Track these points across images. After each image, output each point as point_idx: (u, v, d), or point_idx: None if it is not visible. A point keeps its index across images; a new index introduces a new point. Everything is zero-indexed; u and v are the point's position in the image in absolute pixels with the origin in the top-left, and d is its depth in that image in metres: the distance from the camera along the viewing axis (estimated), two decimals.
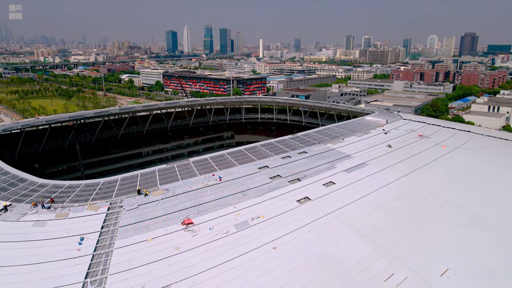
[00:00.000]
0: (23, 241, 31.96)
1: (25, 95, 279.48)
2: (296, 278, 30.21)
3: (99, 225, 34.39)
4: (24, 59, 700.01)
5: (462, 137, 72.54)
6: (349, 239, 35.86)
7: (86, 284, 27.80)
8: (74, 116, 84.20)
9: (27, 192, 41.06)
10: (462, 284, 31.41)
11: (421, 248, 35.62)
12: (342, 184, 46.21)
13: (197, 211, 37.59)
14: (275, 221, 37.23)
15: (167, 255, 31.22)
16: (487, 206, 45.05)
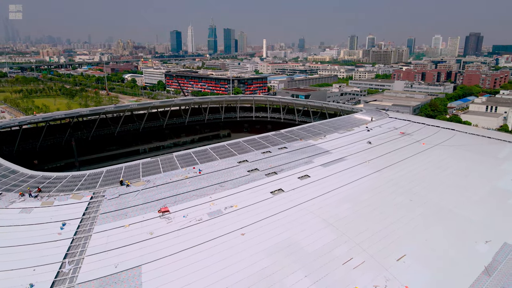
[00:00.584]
0: (9, 225, 34.71)
1: (29, 94, 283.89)
2: (259, 261, 32.66)
3: (81, 212, 37.06)
4: (29, 59, 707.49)
5: (445, 135, 74.54)
6: (315, 227, 38.24)
7: (64, 263, 30.44)
8: (70, 113, 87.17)
9: (17, 183, 43.86)
10: (416, 268, 33.72)
11: (382, 236, 37.91)
12: (317, 177, 48.58)
13: (174, 201, 40.17)
14: (247, 211, 39.71)
15: (141, 239, 33.80)
16: (454, 199, 47.28)
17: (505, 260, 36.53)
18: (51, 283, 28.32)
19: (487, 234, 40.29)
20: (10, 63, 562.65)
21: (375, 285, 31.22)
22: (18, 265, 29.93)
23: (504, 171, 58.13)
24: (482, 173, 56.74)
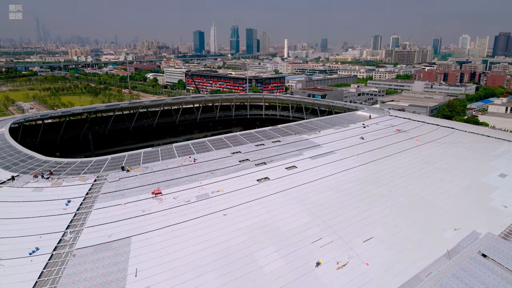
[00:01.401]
0: (22, 201, 40.10)
1: (56, 92, 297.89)
2: (236, 237, 36.71)
3: (84, 192, 42.11)
4: (59, 58, 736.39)
5: (442, 133, 76.29)
6: (293, 211, 41.91)
7: (66, 233, 35.40)
8: (87, 108, 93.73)
9: (32, 167, 49.47)
10: (379, 249, 36.91)
11: (354, 221, 41.18)
12: (304, 168, 52.11)
13: (168, 185, 44.71)
14: (232, 195, 43.79)
15: (134, 215, 38.46)
16: (433, 191, 49.82)
17: (469, 246, 39.15)
18: (54, 247, 33.29)
19: (457, 223, 42.89)
20: (40, 63, 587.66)
21: (338, 261, 34.66)
22: (27, 232, 35.08)
23: (493, 167, 59.86)
24: (469, 168, 58.67)
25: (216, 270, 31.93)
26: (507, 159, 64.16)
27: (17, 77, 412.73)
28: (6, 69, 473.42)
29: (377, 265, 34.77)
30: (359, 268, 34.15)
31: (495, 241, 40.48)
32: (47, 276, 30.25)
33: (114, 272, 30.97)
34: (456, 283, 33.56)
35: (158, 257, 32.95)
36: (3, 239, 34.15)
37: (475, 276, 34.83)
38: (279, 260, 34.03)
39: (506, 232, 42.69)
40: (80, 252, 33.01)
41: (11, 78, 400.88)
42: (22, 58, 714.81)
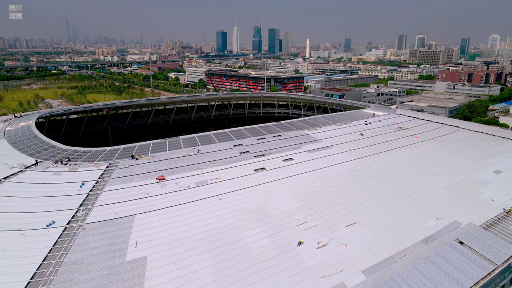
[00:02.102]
0: (43, 183, 45.37)
1: (83, 90, 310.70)
2: (228, 218, 40.61)
3: (97, 176, 47.03)
4: (86, 58, 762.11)
5: (445, 131, 77.77)
6: (284, 198, 45.44)
7: (79, 210, 40.26)
8: (107, 104, 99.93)
9: (53, 154, 54.96)
10: (360, 233, 39.98)
11: (340, 208, 44.32)
12: (300, 160, 55.47)
13: (171, 172, 49.12)
14: (229, 182, 47.75)
15: (138, 197, 43.01)
16: (423, 184, 52.19)
17: (447, 234, 41.63)
18: (67, 221, 38.16)
19: (440, 213, 45.33)
20: (69, 62, 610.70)
21: (319, 241, 38.00)
22: (46, 209, 40.15)
23: (489, 164, 61.39)
24: (465, 164, 60.42)
25: (206, 245, 35.93)
26: (506, 157, 65.34)
27: (47, 76, 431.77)
28: (37, 68, 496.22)
29: (355, 246, 37.89)
30: (338, 248, 37.37)
31: (475, 230, 42.74)
32: (61, 244, 35.03)
33: (118, 243, 35.47)
34: (428, 265, 36.28)
35: (156, 232, 37.26)
36: (25, 213, 39.31)
37: (448, 260, 37.40)
38: (265, 239, 37.71)
39: (488, 223, 44.80)
40: (90, 226, 37.71)
41: (42, 77, 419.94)
42: (52, 58, 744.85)
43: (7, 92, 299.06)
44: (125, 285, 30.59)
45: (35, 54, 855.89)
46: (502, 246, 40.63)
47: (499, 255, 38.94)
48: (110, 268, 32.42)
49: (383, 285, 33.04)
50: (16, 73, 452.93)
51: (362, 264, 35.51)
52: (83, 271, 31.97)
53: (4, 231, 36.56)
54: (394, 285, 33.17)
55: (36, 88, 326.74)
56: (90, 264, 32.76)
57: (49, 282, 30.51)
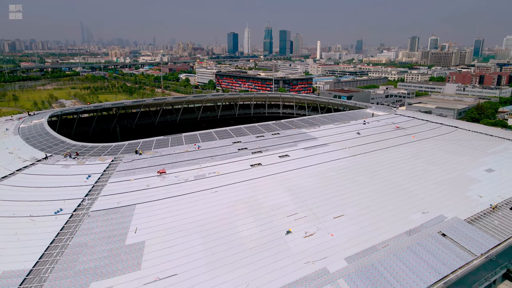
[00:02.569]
0: (53, 175, 48.76)
1: (95, 90, 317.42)
2: (222, 209, 43.35)
3: (102, 169, 50.24)
4: (100, 59, 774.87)
5: (443, 130, 79.31)
6: (276, 191, 48.00)
7: (85, 199, 43.47)
8: (116, 104, 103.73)
9: (63, 149, 58.47)
10: (346, 224, 42.30)
11: (330, 201, 46.66)
12: (295, 157, 57.93)
13: (172, 166, 52.09)
14: (226, 176, 50.51)
15: (140, 188, 46.05)
16: (413, 180, 54.17)
17: (431, 227, 43.66)
18: (74, 209, 41.36)
19: (426, 207, 47.33)
20: (82, 63, 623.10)
21: (306, 231, 40.45)
22: (54, 197, 43.45)
23: (483, 163, 62.93)
24: (458, 163, 62.09)
25: (200, 232, 38.73)
26: (501, 156, 66.71)
27: (61, 76, 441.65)
28: (52, 69, 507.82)
29: (340, 236, 40.25)
30: (324, 237, 39.79)
31: (459, 224, 44.70)
32: (67, 229, 38.22)
33: (119, 229, 38.51)
34: (409, 254, 38.45)
35: (155, 220, 40.20)
36: (35, 202, 42.67)
37: (429, 250, 39.49)
38: (255, 228, 40.34)
39: (473, 218, 46.67)
40: (94, 213, 40.85)
41: (56, 78, 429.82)
42: (67, 59, 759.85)
43: (23, 92, 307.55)
44: (124, 265, 33.55)
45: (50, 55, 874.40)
46: (484, 239, 42.55)
47: (480, 247, 40.89)
48: (111, 250, 35.43)
49: (364, 271, 35.33)
50: (32, 74, 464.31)
51: (345, 252, 37.84)
52: (86, 253, 35.04)
53: (17, 217, 39.94)
54: (374, 271, 35.43)
55: (50, 89, 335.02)
56: (93, 247, 35.83)
57: (55, 262, 33.64)
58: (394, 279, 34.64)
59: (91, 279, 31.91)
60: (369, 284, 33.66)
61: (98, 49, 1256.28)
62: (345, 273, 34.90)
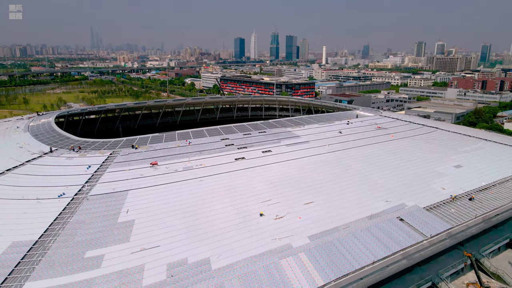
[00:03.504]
0: (57, 165, 54.97)
1: (103, 94, 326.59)
2: (204, 194, 49.03)
3: (101, 161, 56.31)
4: (108, 64, 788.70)
5: (424, 131, 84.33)
6: (255, 180, 53.59)
7: (85, 186, 49.52)
8: (119, 105, 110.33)
9: (68, 144, 64.79)
10: (314, 209, 47.65)
11: (304, 190, 52.08)
12: (277, 152, 63.53)
13: (163, 159, 58.03)
14: (211, 168, 56.28)
15: (133, 177, 52.00)
16: (383, 174, 59.35)
17: (391, 213, 48.77)
18: (75, 193, 47.37)
19: (390, 197, 52.51)
20: (91, 68, 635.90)
21: (277, 214, 45.95)
22: (58, 184, 49.54)
23: (453, 160, 67.91)
24: (429, 159, 67.11)
25: (183, 213, 44.46)
26: (472, 154, 71.64)
27: (70, 81, 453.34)
28: (61, 74, 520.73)
29: (307, 218, 45.66)
30: (292, 219, 45.23)
31: (417, 211, 49.85)
32: (68, 210, 44.20)
33: (113, 210, 44.40)
34: (366, 234, 43.70)
35: (144, 203, 46.04)
36: (42, 187, 48.81)
37: (384, 231, 44.71)
38: (232, 210, 45.95)
39: (432, 206, 51.73)
40: (92, 197, 46.83)
41: (65, 82, 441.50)
42: (76, 64, 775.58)
43: (33, 96, 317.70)
44: (115, 238, 39.38)
45: (60, 60, 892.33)
46: (437, 223, 47.64)
47: (431, 230, 45.95)
48: (105, 227, 41.32)
49: (323, 246, 40.70)
50: (42, 78, 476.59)
51: (309, 231, 43.23)
52: (84, 228, 40.96)
53: (25, 199, 46.06)
54: (332, 247, 40.79)
55: (59, 92, 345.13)
56: (89, 223, 41.76)
57: (57, 235, 39.59)
58: (348, 253, 39.97)
59: (87, 248, 37.76)
60: (325, 256, 39.01)
61: (107, 54, 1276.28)
62: (306, 248, 40.27)
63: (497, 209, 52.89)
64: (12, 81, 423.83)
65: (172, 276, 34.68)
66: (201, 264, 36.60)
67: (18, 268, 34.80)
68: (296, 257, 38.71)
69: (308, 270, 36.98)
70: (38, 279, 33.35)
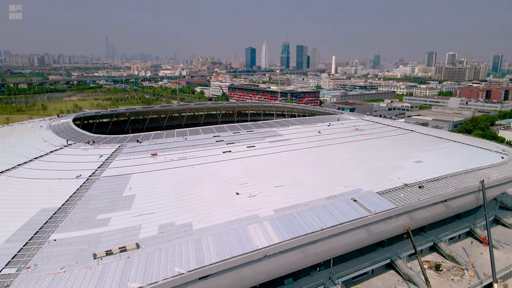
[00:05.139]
0: (75, 155, 66.78)
1: (116, 101, 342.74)
2: (193, 178, 60.01)
3: (111, 152, 67.87)
4: (122, 73, 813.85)
5: (398, 132, 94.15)
6: (237, 168, 64.40)
7: (97, 170, 61.07)
8: (129, 109, 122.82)
9: (83, 139, 76.79)
10: (282, 190, 58.09)
11: (276, 176, 62.61)
12: (259, 147, 74.34)
13: (162, 151, 69.40)
14: (202, 158, 67.39)
15: (137, 164, 63.39)
16: (348, 166, 69.53)
17: (347, 195, 58.86)
18: (89, 175, 58.86)
19: (350, 184, 62.51)
20: (106, 77, 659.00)
21: (251, 193, 56.56)
22: (76, 168, 61.12)
23: (415, 156, 77.54)
24: (394, 155, 76.92)
25: (174, 191, 55.48)
26: (435, 152, 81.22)
27: (86, 89, 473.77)
28: (77, 82, 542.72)
29: (275, 198, 56.11)
30: (262, 198, 55.77)
31: (370, 194, 59.87)
32: (84, 187, 55.58)
33: (119, 187, 55.66)
34: (322, 210, 53.91)
35: (144, 183, 57.22)
36: (63, 170, 60.44)
37: (338, 208, 54.85)
38: (214, 190, 56.76)
39: (384, 191, 61.57)
40: (103, 178, 58.21)
41: (81, 90, 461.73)
42: (91, 73, 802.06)
43: (51, 103, 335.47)
44: (119, 206, 50.53)
45: (76, 69, 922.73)
46: (384, 204, 57.58)
47: (377, 208, 55.89)
48: (112, 199, 52.57)
49: (284, 217, 51.07)
50: (59, 86, 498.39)
51: (275, 206, 53.64)
52: (95, 200, 52.26)
53: (51, 179, 57.68)
54: (291, 218, 51.16)
55: (75, 100, 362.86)
56: (100, 196, 53.07)
57: (75, 204, 50.89)
58: (303, 222, 50.31)
59: (98, 213, 48.98)
60: (284, 224, 49.40)
61: (121, 63, 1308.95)
62: (270, 217, 50.70)
63: (440, 196, 62.42)
64: (31, 89, 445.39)
65: (162, 232, 45.58)
66: (185, 226, 47.44)
67: (46, 225, 46.13)
68: (260, 224, 49.21)
69: (268, 232, 47.48)
70: (61, 232, 44.61)
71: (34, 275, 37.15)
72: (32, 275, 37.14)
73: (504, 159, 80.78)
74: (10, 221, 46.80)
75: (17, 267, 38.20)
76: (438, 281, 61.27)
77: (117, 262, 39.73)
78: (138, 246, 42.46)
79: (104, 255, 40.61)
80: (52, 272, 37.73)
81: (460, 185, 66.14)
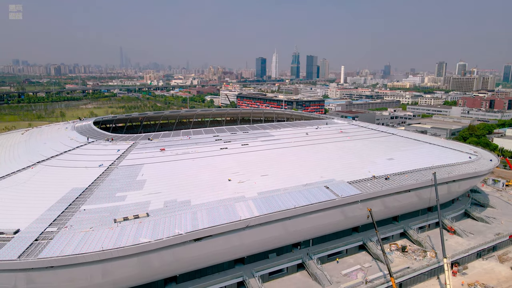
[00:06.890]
0: (97, 149, 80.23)
1: (129, 109, 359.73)
2: (194, 168, 72.68)
3: (127, 147, 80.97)
4: (135, 82, 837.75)
5: (380, 135, 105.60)
6: (231, 161, 76.89)
7: (116, 161, 74.22)
8: (142, 114, 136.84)
9: (102, 137, 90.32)
10: (267, 179, 70.19)
11: (265, 168, 74.71)
12: (252, 145, 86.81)
13: (169, 147, 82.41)
14: (202, 153, 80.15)
15: (148, 157, 76.43)
16: (327, 161, 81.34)
17: (322, 183, 70.69)
18: (109, 164, 71.91)
19: (326, 175, 74.12)
20: (120, 86, 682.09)
21: (240, 180, 68.84)
22: (99, 159, 74.24)
23: (389, 154, 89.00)
24: (370, 153, 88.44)
25: (178, 177, 68.21)
26: (408, 151, 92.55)
27: (101, 97, 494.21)
28: (92, 91, 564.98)
29: (260, 184, 68.21)
30: (249, 184, 67.96)
31: (341, 183, 71.52)
32: (105, 173, 68.57)
33: (133, 174, 68.55)
34: (297, 194, 65.69)
35: (153, 171, 70.07)
36: (87, 161, 73.65)
37: (311, 192, 66.53)
38: (210, 177, 69.26)
39: (354, 181, 73.02)
40: (120, 167, 71.24)
41: (96, 98, 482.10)
42: (106, 82, 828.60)
43: (68, 110, 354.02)
44: (134, 187, 63.37)
45: (91, 78, 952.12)
46: (352, 190, 69.13)
47: (345, 193, 67.40)
48: (128, 182, 65.46)
49: (265, 198, 63.12)
50: (75, 95, 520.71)
51: (259, 190, 65.78)
52: (115, 182, 65.17)
53: (77, 168, 70.94)
54: (271, 199, 63.20)
55: (91, 107, 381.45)
56: (118, 180, 65.98)
57: (98, 186, 63.83)
58: (280, 202, 62.28)
59: (117, 192, 61.85)
60: (264, 203, 61.42)
61: (134, 73, 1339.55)
62: (253, 198, 62.83)
63: (402, 186, 73.66)
64: (49, 97, 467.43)
65: (166, 206, 58.19)
66: (185, 202, 59.98)
67: (77, 200, 59.09)
68: (245, 202, 61.44)
69: (251, 208, 59.68)
70: (89, 204, 57.51)
71: (70, 232, 50.01)
72: (69, 232, 50.01)
73: (471, 158, 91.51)
74: (50, 197, 59.87)
75: (58, 227, 51.10)
76: (402, 260, 72.33)
77: (131, 225, 52.41)
78: (148, 215, 55.14)
79: (122, 220, 53.36)
80: (83, 230, 50.59)
81: (422, 178, 77.15)
